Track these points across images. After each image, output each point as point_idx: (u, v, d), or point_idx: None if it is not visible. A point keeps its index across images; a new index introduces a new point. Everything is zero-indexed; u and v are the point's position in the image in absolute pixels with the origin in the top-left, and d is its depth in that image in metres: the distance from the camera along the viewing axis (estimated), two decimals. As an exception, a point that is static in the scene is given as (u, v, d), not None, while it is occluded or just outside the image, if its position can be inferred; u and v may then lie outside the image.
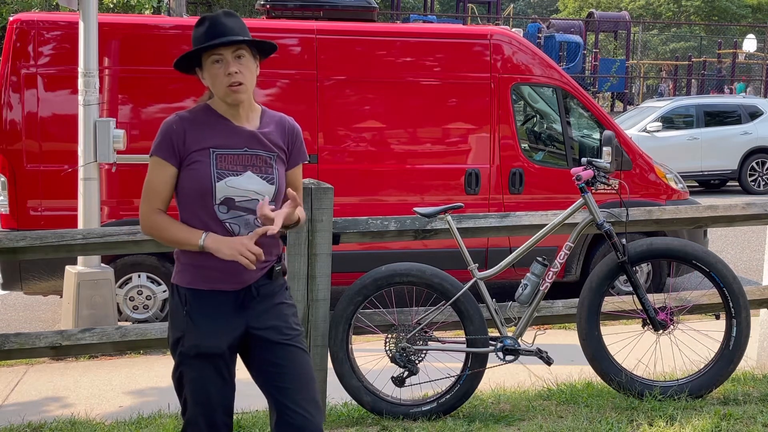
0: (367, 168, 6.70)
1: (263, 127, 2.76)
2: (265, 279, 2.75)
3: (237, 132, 2.71)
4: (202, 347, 2.68)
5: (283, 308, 2.78)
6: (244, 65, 2.66)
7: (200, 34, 2.66)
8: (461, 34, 7.11)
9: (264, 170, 2.71)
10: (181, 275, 2.73)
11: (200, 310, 2.69)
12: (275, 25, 6.81)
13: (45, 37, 6.26)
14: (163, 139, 2.67)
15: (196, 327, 2.69)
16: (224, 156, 2.67)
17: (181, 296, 2.71)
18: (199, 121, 2.70)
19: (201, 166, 2.65)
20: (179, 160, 2.67)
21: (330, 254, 4.17)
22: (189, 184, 2.67)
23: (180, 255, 2.75)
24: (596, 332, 4.39)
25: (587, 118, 7.39)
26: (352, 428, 4.14)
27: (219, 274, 2.68)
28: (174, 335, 2.74)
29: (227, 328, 2.71)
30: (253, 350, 2.76)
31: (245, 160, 2.69)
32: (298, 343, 2.77)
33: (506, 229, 4.58)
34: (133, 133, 6.21)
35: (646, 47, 36.18)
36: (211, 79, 2.67)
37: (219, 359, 2.71)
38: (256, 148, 2.72)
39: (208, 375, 2.71)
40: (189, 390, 2.74)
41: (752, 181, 15.85)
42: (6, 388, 5.03)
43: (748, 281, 7.83)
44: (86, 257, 5.67)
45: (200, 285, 2.69)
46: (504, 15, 30.06)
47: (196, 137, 2.67)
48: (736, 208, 4.82)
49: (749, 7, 42.24)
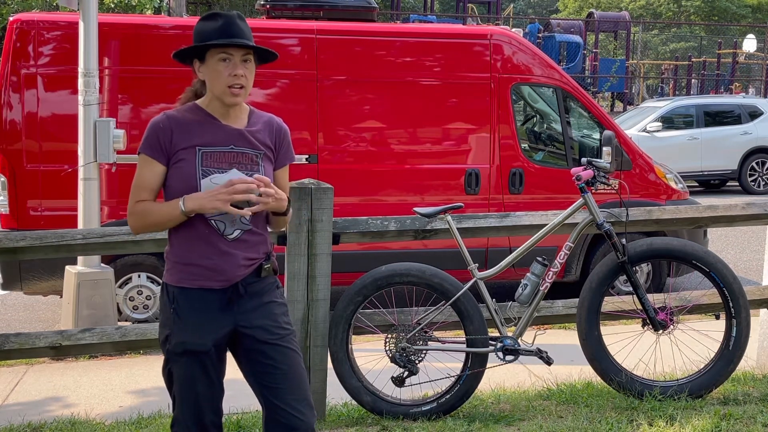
0: (367, 168, 6.70)
1: (251, 125, 2.78)
2: (253, 277, 2.75)
3: (224, 130, 2.73)
4: (188, 344, 2.70)
5: (272, 307, 2.78)
6: (248, 70, 2.71)
7: (212, 29, 2.67)
8: (461, 34, 7.11)
9: (250, 168, 2.72)
10: (170, 273, 2.75)
11: (187, 308, 2.71)
12: (275, 25, 6.81)
13: (45, 37, 6.26)
14: (151, 137, 2.71)
15: (183, 325, 2.70)
16: (210, 154, 2.69)
17: (170, 294, 2.74)
18: (186, 120, 2.72)
19: (186, 164, 2.67)
20: (167, 158, 2.70)
21: (330, 254, 4.17)
22: (175, 182, 2.69)
23: (169, 253, 2.77)
24: (596, 332, 4.39)
25: (587, 118, 7.39)
26: (352, 428, 4.14)
27: (205, 272, 2.69)
28: (163, 333, 2.77)
29: (214, 326, 2.71)
30: (243, 349, 2.77)
31: (231, 158, 2.71)
32: (288, 343, 2.77)
33: (506, 229, 4.58)
34: (133, 133, 6.21)
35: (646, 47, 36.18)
36: (212, 75, 2.68)
37: (205, 357, 2.72)
38: (242, 146, 2.73)
39: (195, 373, 2.72)
40: (177, 388, 2.76)
41: (752, 181, 15.86)
42: (6, 388, 5.03)
43: (748, 281, 7.83)
44: (86, 257, 5.67)
45: (188, 283, 2.71)
46: (504, 15, 30.06)
47: (183, 136, 2.69)
48: (736, 208, 4.82)
49: (749, 7, 42.22)
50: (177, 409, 2.78)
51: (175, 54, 2.75)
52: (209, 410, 2.77)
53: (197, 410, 2.75)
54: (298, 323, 4.12)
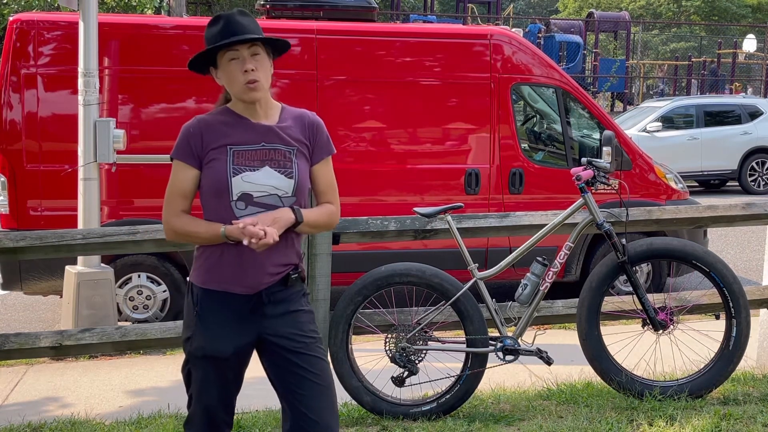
0: (367, 168, 6.70)
1: (282, 121, 2.76)
2: (279, 286, 2.72)
3: (254, 128, 2.71)
4: (208, 350, 2.69)
5: (298, 315, 2.75)
6: (259, 63, 2.68)
7: (215, 32, 2.67)
8: (461, 34, 7.11)
9: (283, 164, 2.69)
10: (197, 273, 2.74)
11: (210, 311, 2.70)
12: (275, 25, 6.80)
13: (45, 37, 6.25)
14: (182, 141, 2.70)
15: (205, 329, 2.70)
16: (241, 152, 2.67)
17: (194, 295, 2.73)
18: (217, 122, 2.71)
19: (218, 163, 2.65)
20: (198, 160, 2.68)
21: (330, 254, 4.17)
22: (207, 183, 2.68)
23: (198, 253, 2.76)
24: (596, 332, 4.39)
25: (587, 118, 7.39)
26: (352, 428, 4.14)
27: (231, 276, 2.68)
28: (185, 333, 2.76)
29: (235, 333, 2.70)
30: (269, 357, 2.75)
31: (263, 155, 2.68)
32: (314, 351, 2.74)
33: (506, 229, 4.58)
34: (133, 133, 6.21)
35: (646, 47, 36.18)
36: (228, 78, 2.68)
37: (224, 363, 2.71)
38: (274, 142, 2.71)
39: (213, 377, 2.72)
40: (195, 389, 2.76)
41: (752, 181, 15.85)
42: (6, 388, 5.03)
43: (748, 281, 7.83)
44: (86, 257, 5.67)
45: (213, 285, 2.70)
46: (504, 15, 30.06)
47: (214, 136, 2.68)
48: (736, 208, 4.82)
49: (749, 7, 42.21)
50: (192, 409, 2.79)
51: (190, 66, 2.74)
52: (222, 412, 2.78)
53: (211, 413, 2.76)
54: (298, 323, 4.12)
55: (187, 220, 2.69)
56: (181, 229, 2.69)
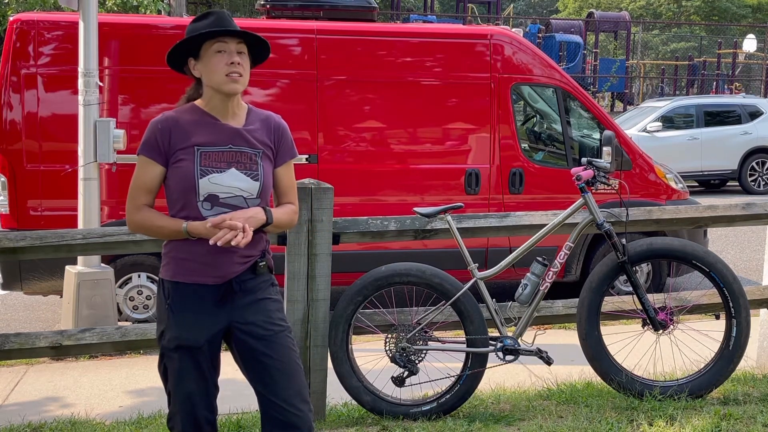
0: (367, 168, 6.70)
1: (248, 124, 2.80)
2: (248, 274, 2.76)
3: (222, 129, 2.75)
4: (181, 340, 2.72)
5: (266, 303, 2.79)
6: (243, 61, 2.74)
7: (205, 25, 2.71)
8: (461, 34, 7.11)
9: (248, 167, 2.73)
10: (166, 268, 2.77)
11: (181, 303, 2.73)
12: (275, 25, 6.81)
13: (45, 37, 6.26)
14: (149, 138, 2.74)
15: (176, 320, 2.72)
16: (208, 153, 2.70)
17: (165, 289, 2.76)
18: (185, 120, 2.74)
19: (185, 163, 2.69)
20: (165, 158, 2.72)
21: (330, 254, 4.17)
22: (174, 182, 2.71)
23: (166, 248, 2.78)
24: (596, 332, 4.39)
25: (587, 118, 7.39)
26: (352, 428, 4.14)
27: (200, 267, 2.71)
28: (159, 328, 2.79)
29: (207, 322, 2.73)
30: (238, 345, 2.78)
31: (230, 157, 2.72)
32: (281, 339, 2.77)
33: (506, 229, 4.58)
34: (133, 133, 6.21)
35: (646, 47, 36.18)
36: (209, 68, 2.71)
37: (198, 353, 2.73)
38: (240, 144, 2.74)
39: (187, 368, 2.74)
40: (172, 382, 2.78)
41: (752, 181, 15.86)
42: (6, 388, 5.03)
43: (748, 281, 7.83)
44: (86, 257, 5.67)
45: (182, 278, 2.73)
46: (504, 15, 30.06)
47: (182, 136, 2.71)
48: (736, 208, 4.82)
49: (749, 7, 42.20)
50: (172, 405, 2.80)
51: (170, 54, 2.76)
52: (202, 406, 2.78)
53: (190, 405, 2.76)
54: (298, 323, 4.12)
55: (149, 215, 2.73)
56: (143, 222, 2.74)
